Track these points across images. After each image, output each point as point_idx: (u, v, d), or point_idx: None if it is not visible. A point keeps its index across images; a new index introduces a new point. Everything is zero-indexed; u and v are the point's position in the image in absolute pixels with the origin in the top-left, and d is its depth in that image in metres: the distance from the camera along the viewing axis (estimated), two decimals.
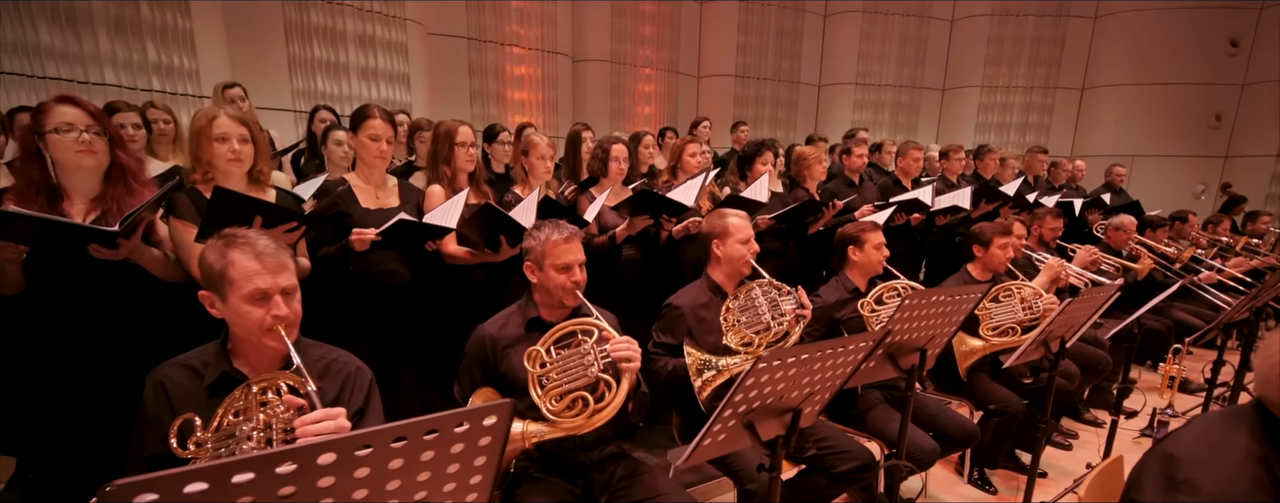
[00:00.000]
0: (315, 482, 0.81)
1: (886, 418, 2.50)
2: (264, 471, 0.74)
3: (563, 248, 1.81)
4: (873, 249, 2.68)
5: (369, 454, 0.82)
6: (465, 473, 0.96)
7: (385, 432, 0.81)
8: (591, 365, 1.69)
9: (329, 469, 0.80)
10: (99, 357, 1.87)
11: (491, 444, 0.94)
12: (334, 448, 0.78)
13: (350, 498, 0.85)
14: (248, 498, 0.74)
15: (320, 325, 2.05)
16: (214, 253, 1.31)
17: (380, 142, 2.30)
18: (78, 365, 1.86)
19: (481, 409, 0.90)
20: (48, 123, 1.77)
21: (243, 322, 1.29)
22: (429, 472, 0.91)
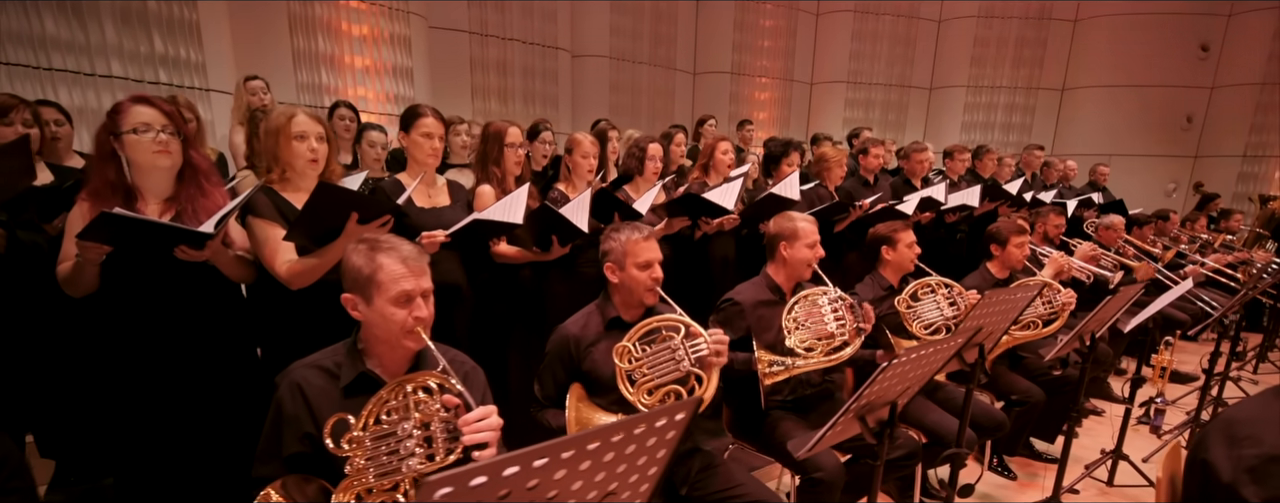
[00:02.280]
0: (526, 482, 0.86)
1: (924, 409, 2.62)
2: (527, 465, 0.79)
3: (643, 246, 1.88)
4: (905, 248, 2.80)
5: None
6: (647, 464, 1.02)
7: (611, 428, 0.87)
8: (682, 360, 1.76)
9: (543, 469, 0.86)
10: (167, 358, 1.87)
11: (673, 437, 1.01)
12: (573, 445, 0.84)
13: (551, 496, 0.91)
14: (505, 491, 0.79)
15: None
16: (361, 257, 1.34)
17: (433, 139, 2.32)
18: (146, 367, 1.85)
19: (676, 406, 0.96)
20: (125, 124, 1.76)
21: (386, 323, 1.33)
22: (624, 464, 0.97)
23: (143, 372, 1.84)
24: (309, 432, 1.34)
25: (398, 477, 1.20)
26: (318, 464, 1.35)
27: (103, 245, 1.64)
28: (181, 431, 1.83)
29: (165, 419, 1.83)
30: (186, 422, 1.84)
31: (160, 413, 1.83)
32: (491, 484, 0.77)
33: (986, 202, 4.41)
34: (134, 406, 1.84)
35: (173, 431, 1.83)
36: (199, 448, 1.86)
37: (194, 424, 1.85)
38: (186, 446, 1.84)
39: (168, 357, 1.85)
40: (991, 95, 8.67)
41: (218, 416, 1.91)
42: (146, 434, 1.82)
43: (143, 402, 1.84)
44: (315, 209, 1.76)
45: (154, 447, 1.83)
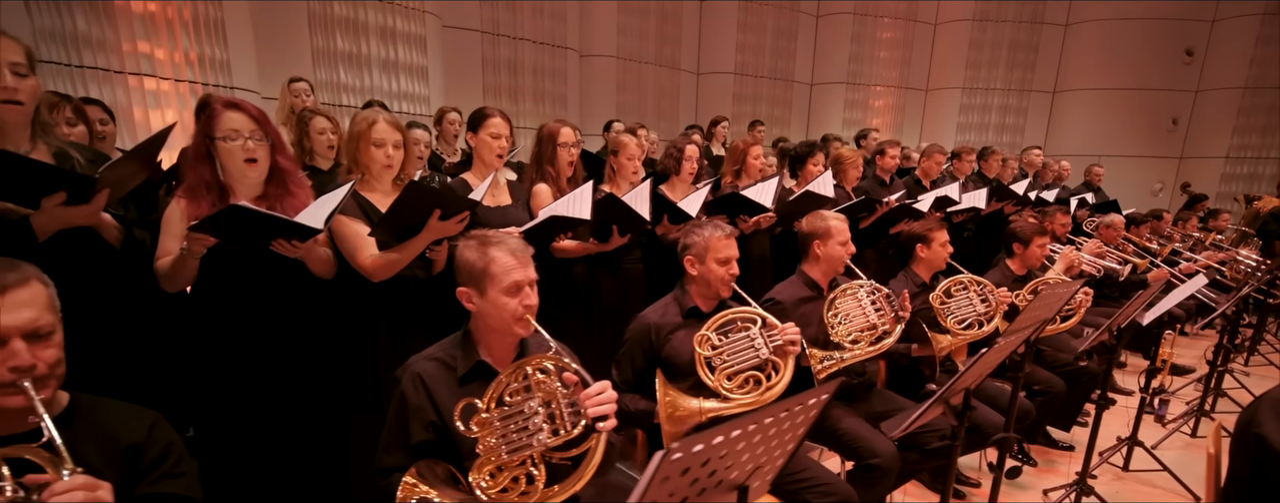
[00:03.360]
0: (720, 451, 0.98)
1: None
2: (730, 436, 0.90)
3: (724, 243, 2.00)
4: (939, 246, 2.94)
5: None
6: (789, 440, 1.14)
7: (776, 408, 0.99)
8: (761, 349, 1.88)
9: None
10: (258, 350, 1.94)
11: (815, 415, 1.13)
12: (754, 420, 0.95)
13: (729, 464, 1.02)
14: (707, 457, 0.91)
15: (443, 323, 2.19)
16: (474, 252, 1.44)
17: (501, 140, 2.41)
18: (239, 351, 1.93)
19: (821, 389, 1.08)
20: (217, 130, 1.83)
21: (499, 313, 1.43)
22: (774, 440, 1.09)
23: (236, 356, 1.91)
24: (433, 420, 1.44)
25: (529, 451, 1.29)
26: (441, 450, 1.45)
27: (210, 238, 1.71)
28: (266, 404, 1.92)
29: (252, 394, 1.91)
30: (271, 396, 1.93)
31: (249, 392, 1.91)
32: (705, 450, 0.88)
33: (994, 202, 4.58)
34: (226, 387, 1.91)
35: (258, 403, 1.92)
36: (279, 418, 1.95)
37: (277, 399, 1.94)
38: (268, 415, 1.92)
39: (260, 344, 1.92)
40: (986, 97, 8.90)
41: (298, 393, 1.99)
42: (234, 406, 1.91)
43: (234, 383, 1.92)
44: (403, 206, 1.85)
45: (239, 413, 1.91)
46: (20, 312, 1.06)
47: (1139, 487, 3.08)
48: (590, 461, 1.27)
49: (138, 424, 1.23)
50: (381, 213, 2.07)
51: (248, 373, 1.94)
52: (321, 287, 2.04)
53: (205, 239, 1.69)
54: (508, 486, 1.27)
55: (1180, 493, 2.99)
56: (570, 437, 1.27)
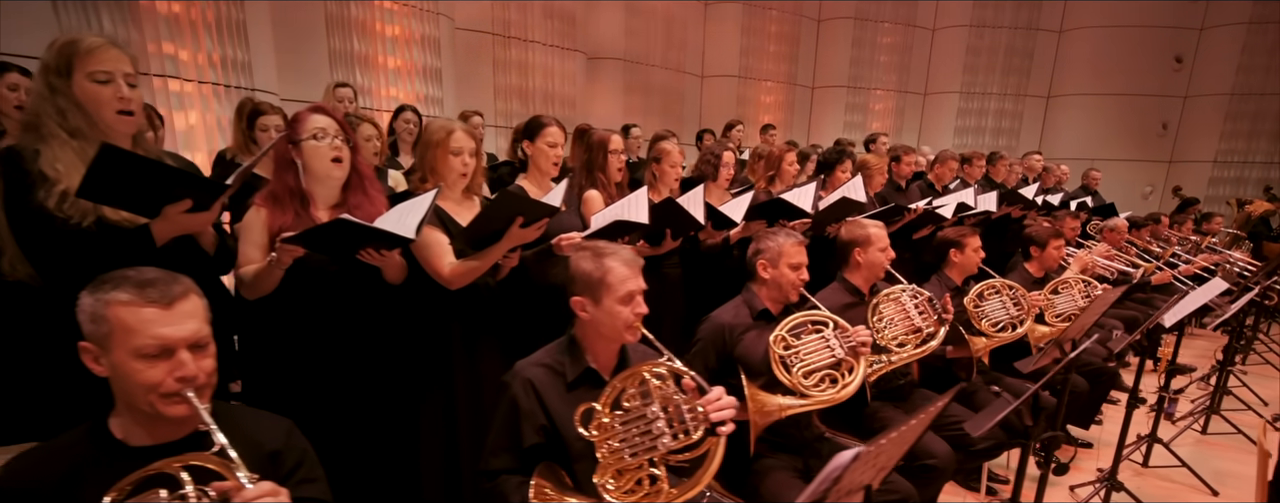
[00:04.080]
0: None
1: (992, 399, 2.85)
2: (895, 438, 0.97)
3: (797, 250, 2.07)
4: (972, 251, 3.03)
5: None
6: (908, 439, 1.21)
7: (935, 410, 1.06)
8: (836, 349, 1.96)
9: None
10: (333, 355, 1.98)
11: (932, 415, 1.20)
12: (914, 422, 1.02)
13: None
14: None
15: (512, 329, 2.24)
16: (590, 263, 1.49)
17: (557, 148, 2.46)
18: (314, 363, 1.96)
19: (947, 395, 1.15)
20: (304, 130, 1.86)
21: (612, 320, 1.49)
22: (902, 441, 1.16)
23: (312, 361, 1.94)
24: (543, 424, 1.49)
25: (652, 454, 1.35)
26: (549, 453, 1.50)
27: (301, 249, 1.74)
28: (339, 408, 1.95)
29: (326, 397, 1.94)
30: (344, 400, 1.96)
31: (323, 396, 1.94)
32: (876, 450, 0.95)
33: (1004, 206, 4.71)
34: (299, 390, 1.94)
35: (331, 407, 1.95)
36: (352, 421, 1.98)
37: (351, 402, 1.97)
38: (342, 418, 1.95)
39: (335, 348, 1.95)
40: (983, 101, 9.08)
41: (371, 398, 2.03)
42: (307, 409, 1.93)
43: (308, 387, 1.94)
44: (490, 214, 1.89)
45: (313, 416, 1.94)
46: (186, 323, 1.10)
47: (1158, 482, 3.21)
48: (710, 462, 1.32)
49: (276, 430, 1.27)
50: (454, 220, 2.11)
51: (322, 377, 1.97)
52: (395, 293, 2.08)
53: (295, 250, 1.72)
54: (632, 488, 1.33)
55: (1198, 488, 3.11)
56: (691, 441, 1.32)
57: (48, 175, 1.45)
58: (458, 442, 2.12)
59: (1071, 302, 3.27)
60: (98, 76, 1.51)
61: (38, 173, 1.45)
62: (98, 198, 1.42)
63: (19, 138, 1.53)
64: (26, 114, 1.55)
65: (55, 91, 1.51)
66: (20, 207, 1.45)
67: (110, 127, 1.56)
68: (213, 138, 4.20)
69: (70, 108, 1.51)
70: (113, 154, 1.30)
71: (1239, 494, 3.11)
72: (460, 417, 2.12)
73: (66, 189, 1.45)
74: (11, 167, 1.45)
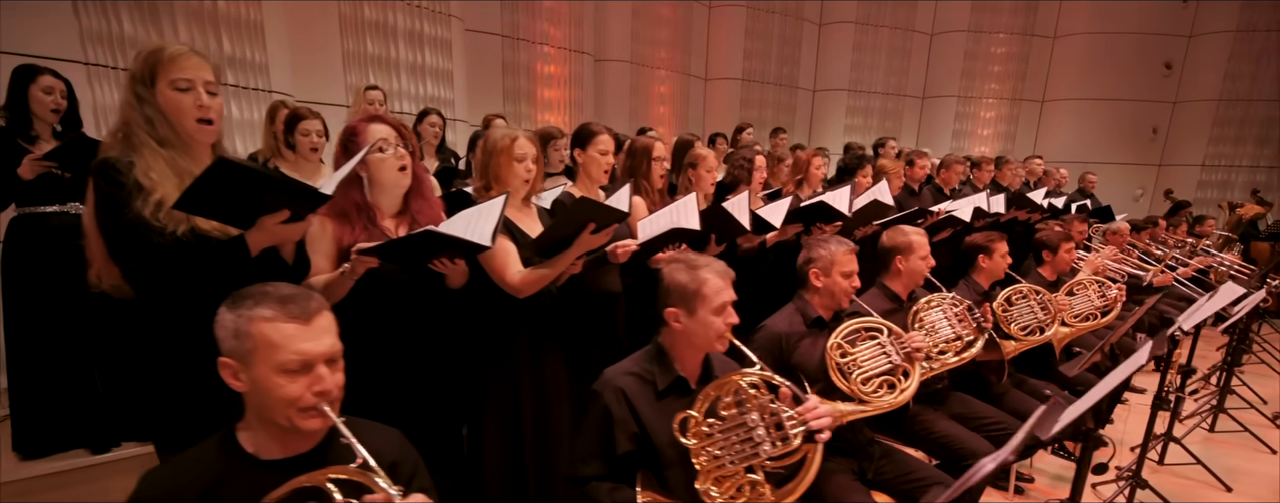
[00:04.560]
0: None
1: (1020, 403, 2.93)
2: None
3: (849, 257, 2.12)
4: (1000, 257, 3.11)
5: None
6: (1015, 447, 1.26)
7: None
8: (892, 355, 2.01)
9: None
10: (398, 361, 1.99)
11: None
12: None
13: None
14: None
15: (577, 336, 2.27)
16: (685, 274, 1.53)
17: (608, 156, 2.49)
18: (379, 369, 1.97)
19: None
20: (367, 143, 1.87)
21: (705, 330, 1.52)
22: None
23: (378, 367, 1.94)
24: (635, 431, 1.52)
25: (752, 461, 1.39)
26: (641, 460, 1.54)
27: (375, 260, 1.75)
28: (404, 412, 1.95)
29: (391, 403, 1.94)
30: (409, 405, 1.97)
31: (387, 402, 1.94)
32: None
33: (1013, 209, 4.81)
34: (364, 397, 1.93)
35: (396, 412, 1.94)
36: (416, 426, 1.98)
37: (416, 407, 1.98)
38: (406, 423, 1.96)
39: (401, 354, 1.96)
40: (979, 105, 9.24)
41: (434, 403, 2.04)
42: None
43: (373, 393, 1.94)
44: (567, 221, 1.92)
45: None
46: (324, 337, 1.12)
47: (1174, 480, 3.31)
48: (809, 468, 1.37)
49: (391, 441, 1.29)
50: (518, 227, 2.14)
51: (387, 383, 1.98)
52: (461, 300, 2.10)
53: (370, 261, 1.73)
54: (733, 494, 1.37)
55: (1213, 485, 3.22)
56: (789, 448, 1.37)
57: (144, 186, 1.46)
58: (523, 448, 2.15)
59: (1088, 302, 3.36)
60: (179, 84, 1.51)
61: (134, 183, 1.45)
62: (194, 209, 1.43)
63: (112, 148, 1.53)
64: (117, 124, 1.55)
65: (142, 101, 1.51)
66: (116, 218, 1.44)
67: (191, 136, 1.56)
68: (229, 138, 4.17)
69: (157, 117, 1.51)
70: (227, 168, 1.31)
71: (1252, 491, 3.22)
72: (525, 422, 2.15)
73: (161, 199, 1.46)
74: (107, 179, 1.45)
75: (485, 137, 2.18)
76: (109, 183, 1.44)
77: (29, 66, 2.63)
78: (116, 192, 1.44)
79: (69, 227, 2.68)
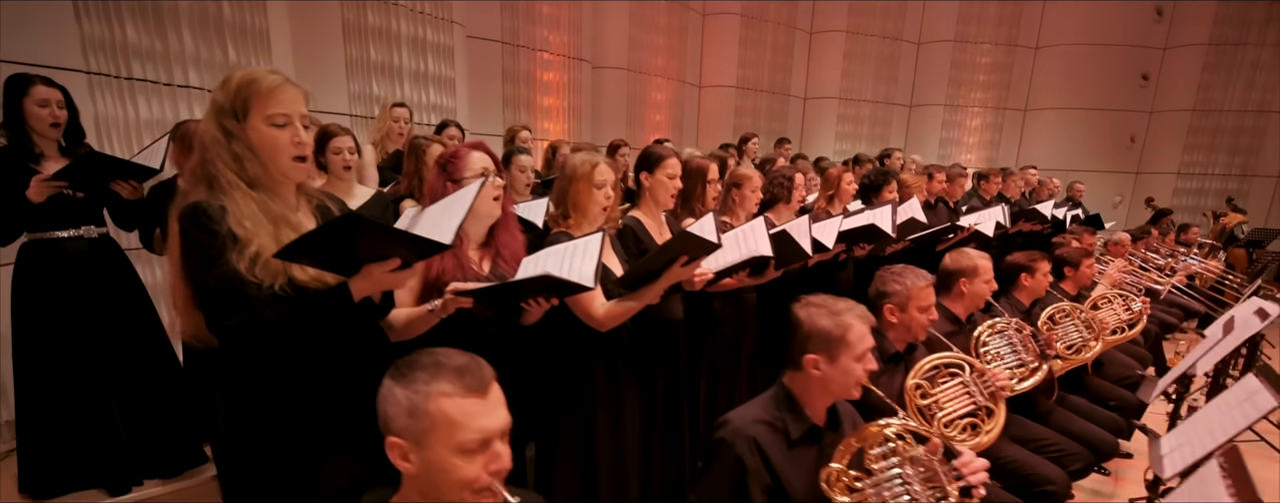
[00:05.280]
0: None
1: (1067, 420, 2.95)
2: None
3: (928, 293, 2.08)
4: (1042, 276, 3.14)
5: None
6: None
7: None
8: (976, 395, 1.98)
9: None
10: None
11: None
12: None
13: None
14: None
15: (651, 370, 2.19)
16: (828, 320, 1.47)
17: (676, 179, 2.43)
18: None
19: None
20: (467, 170, 1.78)
21: (845, 378, 1.47)
22: None
23: None
24: (768, 483, 1.46)
25: None
26: None
27: (469, 301, 1.65)
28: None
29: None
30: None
31: None
32: None
33: (1022, 222, 4.88)
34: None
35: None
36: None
37: None
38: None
39: None
40: (965, 114, 9.42)
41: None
42: None
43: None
44: (664, 253, 1.85)
45: None
46: (500, 410, 1.03)
47: None
48: None
49: None
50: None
51: None
52: (537, 335, 2.01)
53: (464, 302, 1.63)
54: None
55: None
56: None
57: (238, 236, 1.31)
58: (596, 481, 2.07)
59: (1114, 316, 3.42)
60: (276, 120, 1.37)
61: (228, 232, 1.31)
62: (296, 257, 1.31)
63: (194, 189, 1.39)
64: (197, 163, 1.39)
65: (230, 136, 1.36)
66: (210, 271, 1.30)
67: (285, 175, 1.43)
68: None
69: (247, 155, 1.36)
70: (356, 223, 1.20)
71: (1270, 497, 3.30)
72: (599, 456, 2.07)
73: (258, 252, 1.32)
74: (198, 226, 1.30)
75: (563, 162, 2.09)
76: (201, 231, 1.30)
77: (20, 76, 2.41)
78: (209, 241, 1.30)
79: (82, 252, 2.50)
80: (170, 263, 1.38)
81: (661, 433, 2.39)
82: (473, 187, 1.48)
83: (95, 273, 2.48)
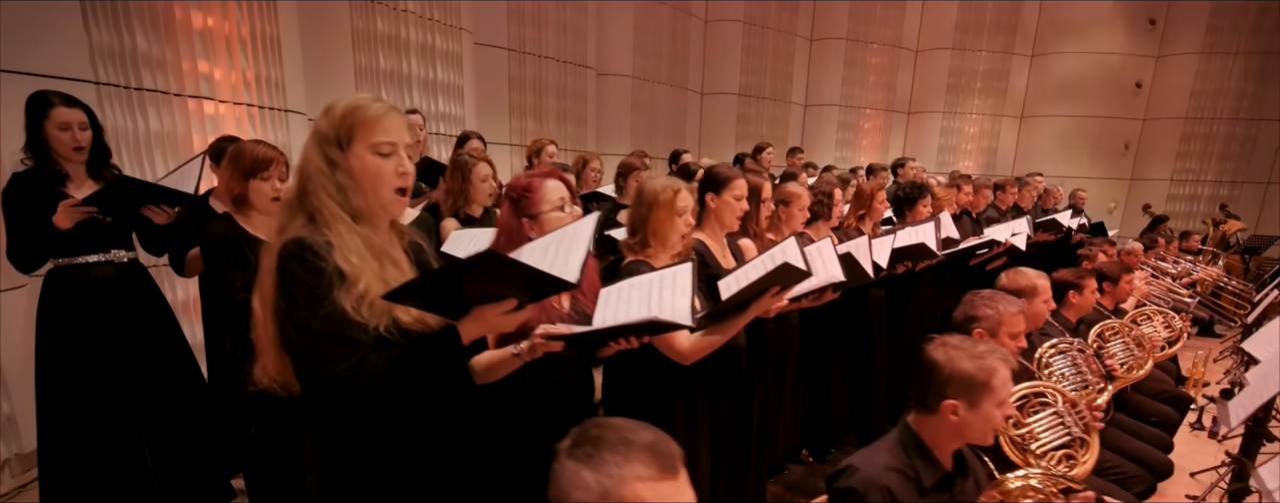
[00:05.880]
0: None
1: (1119, 439, 2.92)
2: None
3: (1018, 318, 2.02)
4: (1090, 293, 3.10)
5: None
6: None
7: None
8: (1072, 427, 1.92)
9: None
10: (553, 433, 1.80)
11: None
12: None
13: None
14: None
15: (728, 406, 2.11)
16: (972, 364, 1.38)
17: (743, 201, 2.34)
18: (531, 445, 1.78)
19: None
20: (545, 202, 1.67)
21: (984, 425, 1.39)
22: None
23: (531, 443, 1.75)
24: None
25: None
26: None
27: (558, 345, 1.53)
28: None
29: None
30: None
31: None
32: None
33: (1040, 232, 4.88)
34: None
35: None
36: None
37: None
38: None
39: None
40: (963, 121, 9.48)
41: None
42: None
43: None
44: (761, 286, 1.76)
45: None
46: (688, 491, 0.93)
47: None
48: None
49: None
50: None
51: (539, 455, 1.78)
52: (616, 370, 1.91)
53: (554, 346, 1.52)
54: None
55: None
56: None
57: (346, 273, 1.21)
58: None
59: (1153, 331, 3.41)
60: (381, 149, 1.26)
61: (335, 270, 1.20)
62: (408, 299, 1.20)
63: (290, 225, 1.27)
64: (293, 190, 1.29)
65: (334, 166, 1.25)
66: (316, 313, 1.18)
67: (385, 207, 1.32)
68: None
69: (351, 185, 1.26)
70: (495, 260, 1.09)
71: None
72: None
73: (365, 291, 1.22)
74: (304, 264, 1.18)
75: (641, 186, 1.99)
76: (307, 269, 1.18)
77: (40, 96, 2.24)
78: (315, 280, 1.18)
79: (111, 279, 2.35)
80: (261, 303, 1.26)
81: (725, 465, 2.31)
82: (589, 220, 1.37)
83: (125, 301, 2.32)
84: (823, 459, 3.53)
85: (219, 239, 2.08)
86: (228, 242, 2.07)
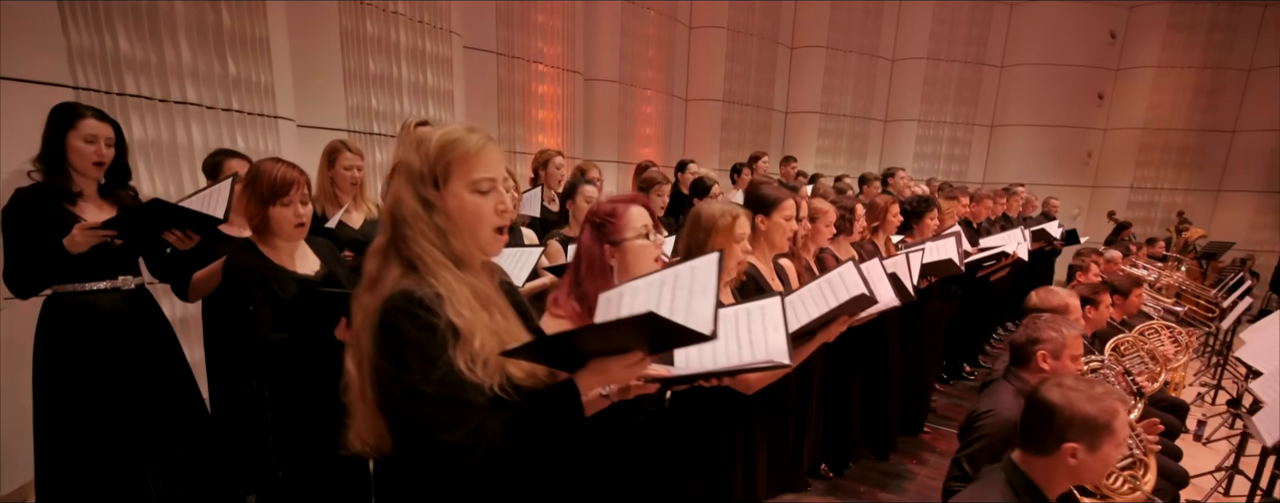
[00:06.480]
0: None
1: None
2: None
3: (1078, 342, 2.02)
4: (1105, 308, 3.16)
5: None
6: None
7: None
8: (1134, 449, 1.92)
9: None
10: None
11: None
12: None
13: None
14: None
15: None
16: (1094, 406, 1.35)
17: (793, 222, 2.30)
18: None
19: None
20: (629, 229, 1.58)
21: (1102, 468, 1.36)
22: None
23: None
24: None
25: None
26: None
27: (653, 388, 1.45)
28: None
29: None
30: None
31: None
32: None
33: (1034, 242, 4.99)
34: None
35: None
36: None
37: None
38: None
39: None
40: (937, 129, 9.70)
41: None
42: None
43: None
44: (830, 317, 1.71)
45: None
46: None
47: None
48: None
49: None
50: None
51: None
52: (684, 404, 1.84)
53: (648, 389, 1.43)
54: None
55: None
56: None
57: (459, 328, 1.08)
58: None
59: (1162, 347, 3.50)
60: (481, 186, 1.14)
61: (448, 326, 1.07)
62: (525, 355, 1.09)
63: (386, 276, 1.14)
64: (390, 239, 1.14)
65: (431, 208, 1.13)
66: (430, 375, 1.05)
67: (484, 248, 1.20)
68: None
69: (449, 228, 1.13)
70: (651, 320, 0.99)
71: None
72: None
73: (479, 347, 1.09)
74: (416, 320, 1.05)
75: (698, 210, 1.91)
76: (419, 326, 1.05)
77: (69, 107, 2.10)
78: (428, 338, 1.05)
79: (118, 309, 2.15)
80: (356, 363, 1.14)
81: (774, 491, 2.26)
82: (711, 262, 1.26)
83: (132, 332, 2.13)
84: (841, 474, 3.51)
85: (243, 271, 1.91)
86: (253, 275, 1.90)
